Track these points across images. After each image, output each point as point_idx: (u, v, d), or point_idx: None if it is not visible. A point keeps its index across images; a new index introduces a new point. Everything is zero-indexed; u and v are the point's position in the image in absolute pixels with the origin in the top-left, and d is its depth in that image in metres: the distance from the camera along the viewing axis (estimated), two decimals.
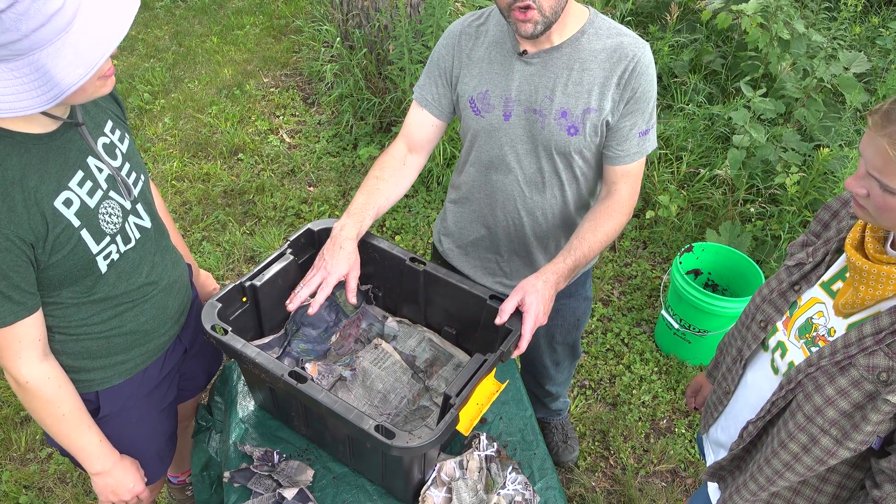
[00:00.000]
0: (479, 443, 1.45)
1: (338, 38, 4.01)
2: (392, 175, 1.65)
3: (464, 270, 1.85)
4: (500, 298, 1.49)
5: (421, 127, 1.69)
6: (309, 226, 1.63)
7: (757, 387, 1.27)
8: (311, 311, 1.46)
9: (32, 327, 1.24)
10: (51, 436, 1.39)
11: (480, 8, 3.61)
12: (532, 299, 1.40)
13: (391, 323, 1.69)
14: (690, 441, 2.58)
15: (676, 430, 2.61)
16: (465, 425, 1.31)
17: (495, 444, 1.47)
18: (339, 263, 1.48)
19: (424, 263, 1.57)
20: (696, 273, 2.86)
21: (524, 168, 1.61)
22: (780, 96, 3.43)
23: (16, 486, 2.35)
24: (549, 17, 1.42)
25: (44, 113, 1.16)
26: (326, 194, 3.59)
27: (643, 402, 2.70)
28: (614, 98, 1.50)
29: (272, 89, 4.38)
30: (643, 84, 1.49)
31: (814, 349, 1.14)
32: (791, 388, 1.13)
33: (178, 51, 4.76)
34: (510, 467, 1.44)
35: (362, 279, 1.72)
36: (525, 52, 1.52)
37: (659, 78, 3.84)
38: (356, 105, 3.93)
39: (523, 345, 1.39)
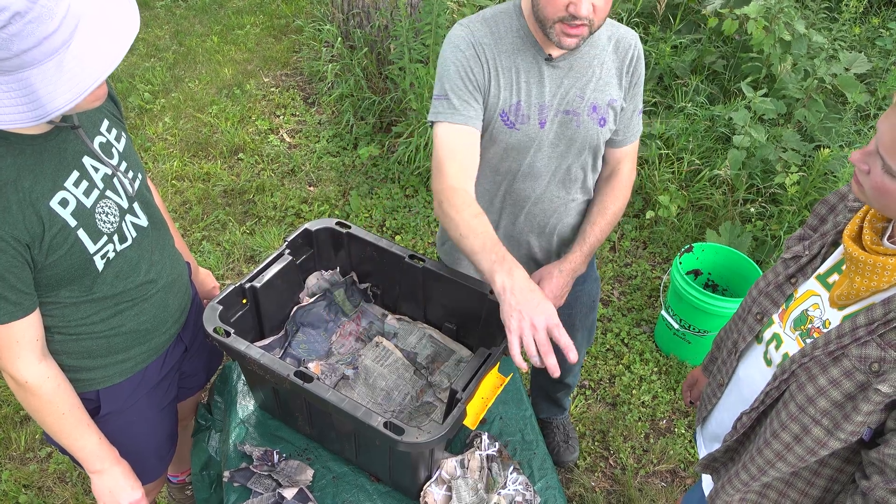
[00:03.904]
0: (481, 442, 1.45)
1: (338, 38, 4.01)
2: (481, 210, 1.42)
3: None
4: None
5: (473, 148, 1.50)
6: (306, 226, 1.63)
7: (749, 379, 1.27)
8: (573, 356, 1.20)
9: (30, 327, 1.24)
10: (51, 435, 1.39)
11: (481, 8, 3.62)
12: (546, 285, 1.57)
13: (391, 321, 1.69)
14: (690, 441, 2.58)
15: (676, 430, 2.61)
16: (471, 419, 1.31)
17: (497, 443, 1.47)
18: (547, 307, 1.22)
19: (423, 260, 1.57)
20: (696, 273, 2.86)
21: (555, 171, 1.63)
22: (780, 97, 3.43)
23: (15, 486, 2.35)
24: (593, 32, 1.45)
25: None
26: (326, 194, 3.59)
27: (643, 402, 2.70)
28: (625, 86, 1.60)
29: (272, 89, 4.38)
30: (641, 68, 1.61)
31: (808, 340, 1.15)
32: (785, 378, 1.14)
33: (179, 50, 4.76)
34: (511, 467, 1.44)
35: (361, 277, 1.72)
36: (550, 56, 1.52)
37: (660, 78, 3.85)
38: (356, 105, 3.93)
39: None
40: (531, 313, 1.19)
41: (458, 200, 1.40)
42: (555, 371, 1.19)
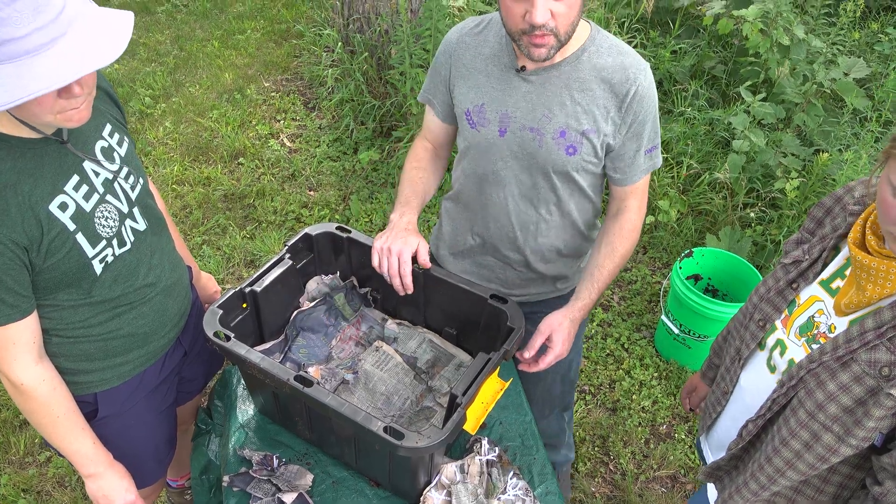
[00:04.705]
0: (481, 447, 1.45)
1: (339, 43, 4.02)
2: (428, 165, 1.71)
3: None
4: (500, 298, 1.50)
5: (435, 127, 1.71)
6: (307, 230, 1.63)
7: (753, 386, 1.26)
8: (411, 288, 1.51)
9: (26, 330, 1.24)
10: (45, 437, 1.39)
11: (481, 13, 3.63)
12: (558, 338, 1.51)
13: (391, 325, 1.69)
14: (690, 446, 2.57)
15: (676, 435, 2.61)
16: (471, 424, 1.31)
17: (497, 448, 1.47)
18: (408, 239, 1.51)
19: None
20: (696, 278, 2.86)
21: (519, 184, 1.58)
22: (780, 101, 3.43)
23: (14, 490, 2.34)
24: (562, 41, 1.38)
25: (27, 125, 1.16)
26: (327, 199, 3.60)
27: (643, 408, 2.70)
28: (615, 122, 1.48)
29: (273, 94, 4.38)
30: (644, 107, 1.48)
31: (814, 346, 1.14)
32: (792, 384, 1.12)
33: (180, 55, 4.77)
34: (511, 472, 1.44)
35: (361, 282, 1.72)
36: (524, 68, 1.48)
37: (660, 84, 3.85)
38: (357, 109, 3.93)
39: (534, 368, 1.53)
40: (393, 241, 1.50)
41: (413, 152, 1.74)
42: (399, 290, 1.51)
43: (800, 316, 1.19)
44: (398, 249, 1.49)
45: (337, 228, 1.65)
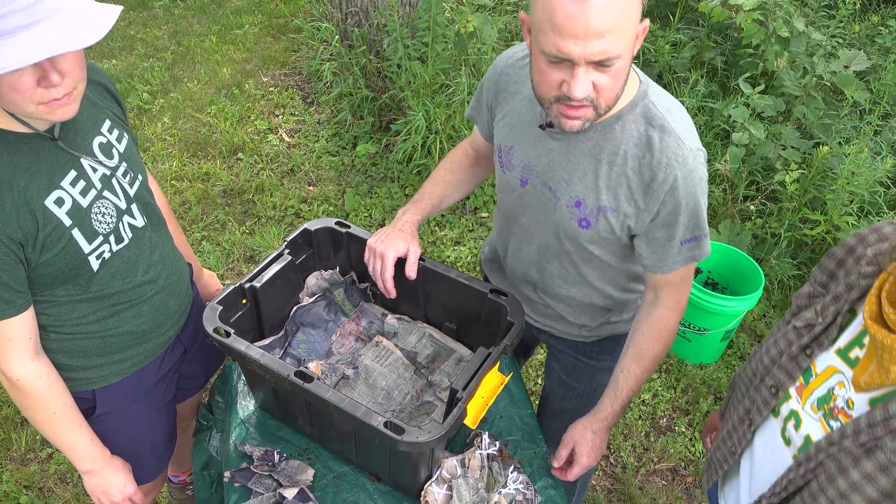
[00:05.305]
0: (482, 441, 1.45)
1: (336, 37, 4.01)
2: (461, 170, 1.66)
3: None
4: (500, 291, 1.49)
5: (480, 143, 1.64)
6: (306, 226, 1.63)
7: (766, 457, 1.19)
8: (392, 293, 1.51)
9: (22, 326, 1.24)
10: (41, 433, 1.39)
11: (479, 6, 3.61)
12: (582, 450, 1.44)
13: (391, 320, 1.69)
14: (690, 440, 2.58)
15: (676, 428, 2.62)
16: (472, 419, 1.31)
17: (497, 442, 1.47)
18: (396, 243, 1.48)
19: (423, 260, 1.57)
20: (696, 271, 2.86)
21: (534, 236, 1.48)
22: (779, 94, 3.43)
23: (16, 486, 2.35)
24: (601, 113, 1.20)
25: (19, 120, 1.15)
26: (326, 193, 3.59)
27: (643, 401, 2.70)
28: (638, 206, 1.30)
29: (271, 88, 4.37)
30: (678, 198, 1.26)
31: (833, 423, 1.06)
32: (811, 467, 1.04)
33: (177, 50, 4.76)
34: (512, 466, 1.44)
35: (360, 277, 1.72)
36: (550, 124, 1.31)
37: (659, 76, 3.84)
38: (355, 104, 3.93)
39: (564, 478, 1.46)
40: (384, 243, 1.49)
41: (453, 153, 1.71)
42: (383, 292, 1.53)
43: (818, 388, 1.09)
44: (381, 251, 1.47)
45: (336, 224, 1.65)
